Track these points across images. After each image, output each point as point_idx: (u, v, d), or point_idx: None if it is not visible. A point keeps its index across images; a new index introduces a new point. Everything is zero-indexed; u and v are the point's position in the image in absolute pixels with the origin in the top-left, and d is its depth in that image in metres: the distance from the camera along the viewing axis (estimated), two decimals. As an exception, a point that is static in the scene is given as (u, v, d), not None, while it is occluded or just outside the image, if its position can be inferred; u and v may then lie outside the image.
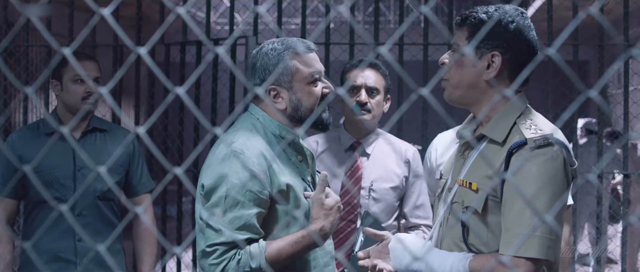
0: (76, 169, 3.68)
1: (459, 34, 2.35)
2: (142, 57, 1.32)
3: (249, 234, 2.45)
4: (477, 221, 2.28)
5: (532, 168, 2.16)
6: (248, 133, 2.57)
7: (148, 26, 5.64)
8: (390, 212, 3.55)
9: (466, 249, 2.30)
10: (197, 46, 5.40)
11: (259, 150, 2.51)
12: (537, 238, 2.14)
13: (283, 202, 2.53)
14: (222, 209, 2.45)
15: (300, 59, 2.59)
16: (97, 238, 3.66)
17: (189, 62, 5.46)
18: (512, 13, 2.30)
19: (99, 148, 3.75)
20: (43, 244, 3.64)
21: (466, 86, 2.33)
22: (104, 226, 3.71)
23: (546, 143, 2.19)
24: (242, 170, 2.45)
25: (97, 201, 3.70)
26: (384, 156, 3.56)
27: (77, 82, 3.68)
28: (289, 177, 2.56)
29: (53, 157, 3.67)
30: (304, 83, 2.59)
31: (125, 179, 3.84)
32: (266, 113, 2.62)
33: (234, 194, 2.44)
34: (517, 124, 2.27)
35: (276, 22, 5.26)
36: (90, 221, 3.68)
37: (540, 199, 2.14)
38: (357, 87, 3.48)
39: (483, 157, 2.29)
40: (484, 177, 2.26)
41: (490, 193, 2.24)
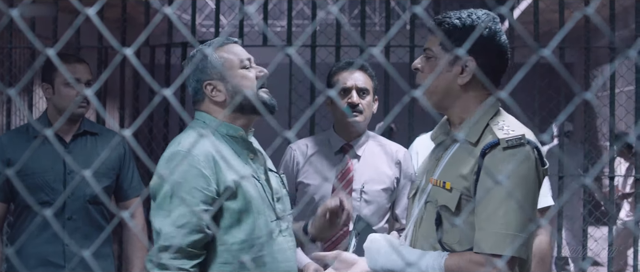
0: (66, 173, 3.64)
1: (432, 40, 2.40)
2: (128, 58, 1.29)
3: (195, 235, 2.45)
4: (450, 219, 2.32)
5: (505, 167, 2.21)
6: (195, 136, 2.57)
7: (133, 28, 5.60)
8: (382, 214, 3.54)
9: (440, 248, 2.33)
10: (183, 48, 5.37)
11: (206, 149, 2.52)
12: (510, 236, 2.19)
13: (233, 199, 2.53)
14: (167, 208, 2.46)
15: (224, 50, 2.65)
16: (87, 242, 3.63)
17: (174, 64, 5.43)
18: (484, 19, 2.36)
19: (89, 151, 3.72)
20: (31, 248, 3.60)
21: (441, 91, 2.38)
22: (94, 230, 3.68)
23: (518, 143, 2.24)
24: (186, 168, 2.47)
25: (87, 204, 3.66)
26: (375, 157, 3.54)
27: (68, 85, 3.64)
28: (237, 174, 2.55)
29: (43, 161, 3.63)
30: (235, 70, 2.62)
31: (116, 182, 3.80)
32: (210, 115, 2.64)
33: (179, 193, 2.45)
34: (490, 125, 2.32)
35: (263, 24, 5.23)
36: (79, 225, 3.64)
37: (513, 198, 2.20)
38: (348, 89, 3.47)
39: (457, 157, 2.35)
40: (457, 176, 2.31)
41: (464, 192, 2.29)
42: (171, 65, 5.39)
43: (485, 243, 2.21)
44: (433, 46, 2.38)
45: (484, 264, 2.20)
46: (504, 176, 2.20)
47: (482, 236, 2.22)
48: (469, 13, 2.37)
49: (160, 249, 2.46)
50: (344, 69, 3.52)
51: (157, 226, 2.49)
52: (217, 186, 2.50)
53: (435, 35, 2.38)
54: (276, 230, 2.65)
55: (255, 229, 2.57)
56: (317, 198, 3.46)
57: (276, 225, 2.65)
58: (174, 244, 2.44)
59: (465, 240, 2.29)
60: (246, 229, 2.56)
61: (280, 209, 2.70)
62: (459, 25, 2.35)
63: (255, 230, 2.57)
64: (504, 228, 2.19)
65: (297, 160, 3.55)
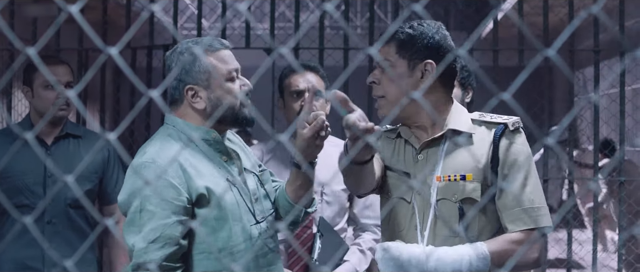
0: (46, 176, 3.57)
1: (386, 50, 2.45)
2: (112, 58, 1.25)
3: (168, 248, 2.37)
4: (475, 211, 2.40)
5: (520, 148, 2.41)
6: (161, 143, 2.49)
7: (113, 30, 5.53)
8: (342, 214, 3.49)
9: (461, 241, 2.38)
10: (164, 50, 5.30)
11: (171, 156, 2.43)
12: (536, 209, 2.38)
13: (205, 206, 2.45)
14: (138, 224, 2.38)
15: (216, 57, 2.53)
16: (68, 247, 3.55)
17: (155, 66, 5.37)
18: (433, 25, 2.46)
19: (71, 154, 3.64)
20: (10, 252, 3.53)
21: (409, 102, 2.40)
22: (75, 235, 3.60)
23: (520, 125, 2.44)
24: (154, 180, 2.38)
25: (68, 208, 3.59)
26: (331, 158, 3.47)
27: (48, 88, 3.58)
28: (209, 179, 2.47)
29: (23, 163, 3.56)
30: (221, 80, 2.52)
31: (100, 186, 3.72)
32: (182, 119, 2.55)
33: (148, 206, 2.37)
34: (474, 119, 2.48)
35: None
36: (60, 229, 3.57)
37: (532, 175, 2.40)
38: (301, 92, 3.40)
39: (458, 150, 2.43)
40: (474, 167, 2.41)
41: (482, 182, 2.41)
42: (153, 67, 5.33)
43: (520, 221, 2.37)
44: (389, 56, 2.44)
45: (523, 240, 2.36)
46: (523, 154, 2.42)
47: (513, 215, 2.38)
48: (418, 23, 2.45)
49: (134, 267, 2.38)
50: (296, 71, 3.44)
51: (129, 242, 2.41)
52: (189, 195, 2.42)
53: (389, 46, 2.44)
54: (256, 234, 2.56)
55: (232, 236, 2.48)
56: None
57: (256, 229, 2.57)
58: (148, 260, 2.36)
59: (486, 228, 2.43)
60: (223, 236, 2.47)
61: (260, 210, 2.61)
62: (411, 33, 2.42)
63: (233, 237, 2.49)
64: (531, 203, 2.38)
65: None
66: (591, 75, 5.20)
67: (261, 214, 2.62)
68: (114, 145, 1.31)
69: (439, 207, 2.42)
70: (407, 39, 2.43)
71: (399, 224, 2.52)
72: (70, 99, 3.56)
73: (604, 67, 5.52)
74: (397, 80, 2.41)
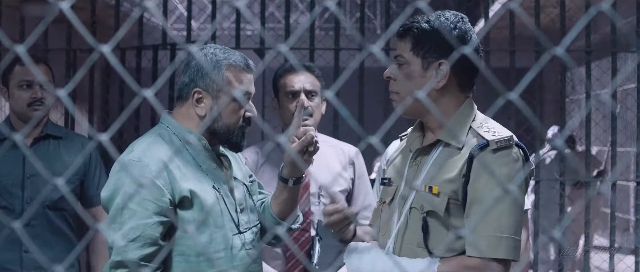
0: (25, 177, 3.51)
1: (402, 46, 2.36)
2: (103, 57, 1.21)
3: (147, 248, 2.35)
4: (438, 225, 2.28)
5: (496, 170, 2.21)
6: (148, 143, 2.48)
7: (102, 31, 5.50)
8: None
9: (427, 254, 2.28)
10: (154, 51, 5.27)
11: (158, 157, 2.41)
12: (504, 239, 2.19)
13: (188, 209, 2.43)
14: (119, 221, 2.36)
15: (236, 74, 2.52)
16: (48, 250, 3.49)
17: (144, 67, 5.33)
18: (453, 20, 2.33)
19: (52, 155, 3.58)
20: None
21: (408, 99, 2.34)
22: (54, 237, 3.54)
23: (507, 145, 2.24)
24: (137, 178, 2.37)
25: (46, 210, 3.52)
26: (328, 159, 3.45)
27: (22, 87, 3.53)
28: (194, 183, 2.44)
29: (1, 165, 3.50)
30: (229, 99, 2.50)
31: (81, 188, 3.67)
32: (177, 122, 2.53)
33: (130, 204, 2.36)
34: (473, 128, 2.31)
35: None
36: (39, 231, 3.50)
37: (505, 200, 2.20)
38: (296, 92, 3.36)
39: (441, 161, 2.31)
40: (444, 180, 2.28)
41: (452, 196, 2.26)
42: (142, 68, 5.28)
43: (479, 246, 2.20)
44: (404, 52, 2.34)
45: (478, 267, 2.20)
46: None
47: (475, 239, 2.20)
48: (436, 15, 2.34)
49: (112, 265, 2.37)
50: (290, 72, 3.41)
51: (109, 239, 2.39)
52: (172, 196, 2.40)
53: (405, 41, 2.34)
54: (238, 244, 2.53)
55: (212, 243, 2.47)
56: None
57: (239, 239, 2.54)
58: (127, 258, 2.35)
59: (453, 245, 2.27)
60: (203, 241, 2.45)
61: (244, 221, 2.59)
62: (427, 29, 2.31)
63: (213, 243, 2.47)
64: (497, 231, 2.19)
65: (248, 167, 3.45)
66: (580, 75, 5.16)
67: (246, 224, 2.59)
68: (106, 146, 1.27)
69: (410, 216, 2.35)
70: (422, 36, 2.31)
71: (379, 227, 2.51)
72: (57, 99, 3.54)
73: (594, 68, 5.50)
74: (410, 79, 2.32)
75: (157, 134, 2.52)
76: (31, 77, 3.53)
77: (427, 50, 2.30)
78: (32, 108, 3.53)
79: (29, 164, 3.51)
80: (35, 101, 3.53)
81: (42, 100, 3.53)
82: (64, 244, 3.58)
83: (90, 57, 1.27)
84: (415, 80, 2.32)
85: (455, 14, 2.36)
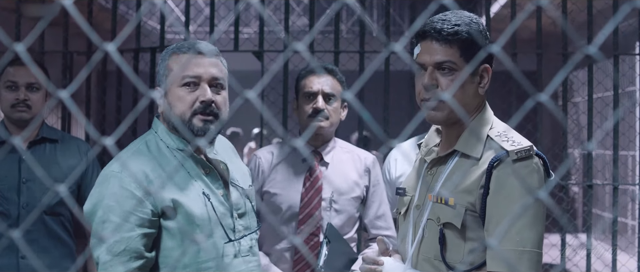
0: (21, 181, 3.45)
1: (447, 51, 2.22)
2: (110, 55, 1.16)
3: (133, 262, 2.29)
4: (455, 237, 2.22)
5: (516, 182, 2.13)
6: (131, 153, 2.42)
7: (99, 33, 5.41)
8: (352, 224, 3.42)
9: (444, 267, 2.23)
10: (151, 53, 5.21)
11: (139, 168, 2.35)
12: (527, 253, 2.11)
13: (172, 219, 2.35)
14: (102, 235, 2.30)
15: (178, 59, 2.43)
16: (44, 256, 3.43)
17: (142, 69, 5.27)
18: (478, 20, 2.26)
19: (48, 159, 3.52)
20: None
21: (464, 105, 2.24)
22: (51, 243, 3.48)
23: (527, 155, 2.16)
24: (119, 191, 2.30)
25: (43, 215, 3.46)
26: (344, 165, 3.43)
27: (9, 89, 3.49)
28: (178, 192, 2.36)
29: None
30: (174, 86, 2.41)
31: (78, 192, 3.60)
32: (165, 126, 2.46)
33: (112, 217, 2.30)
34: (490, 137, 2.23)
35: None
36: (36, 237, 3.44)
37: (528, 212, 2.12)
38: (314, 94, 3.35)
39: (458, 171, 2.24)
40: (461, 192, 2.21)
41: (469, 208, 2.19)
42: (139, 70, 5.23)
43: (498, 261, 2.12)
44: (453, 58, 2.21)
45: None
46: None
47: (497, 253, 2.13)
48: (469, 18, 2.25)
49: None
50: (312, 74, 3.40)
51: (95, 253, 2.33)
52: (154, 207, 2.33)
53: (451, 46, 2.21)
54: (231, 252, 2.45)
55: (200, 252, 2.39)
56: (283, 208, 3.34)
57: (232, 246, 2.46)
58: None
59: (468, 258, 2.20)
60: (190, 251, 2.38)
61: (242, 226, 2.52)
62: (475, 33, 2.21)
63: (201, 253, 2.39)
64: (519, 245, 2.11)
65: (262, 168, 3.42)
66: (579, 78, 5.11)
67: (244, 230, 2.52)
68: (110, 150, 1.22)
69: (426, 228, 2.29)
70: (471, 41, 2.21)
71: (399, 238, 2.46)
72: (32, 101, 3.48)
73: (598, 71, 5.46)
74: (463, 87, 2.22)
75: (143, 141, 2.46)
76: (17, 79, 3.49)
77: (475, 55, 2.20)
78: (15, 109, 3.48)
79: (25, 168, 3.45)
80: (19, 103, 3.48)
81: (26, 102, 3.48)
82: (61, 249, 3.52)
83: (93, 57, 1.22)
84: (466, 86, 2.22)
85: (472, 14, 2.29)
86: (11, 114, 3.49)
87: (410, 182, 2.44)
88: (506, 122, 2.31)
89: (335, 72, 3.43)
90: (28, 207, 3.44)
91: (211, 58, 2.45)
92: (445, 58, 2.22)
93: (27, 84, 3.50)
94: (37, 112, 3.53)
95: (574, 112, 9.87)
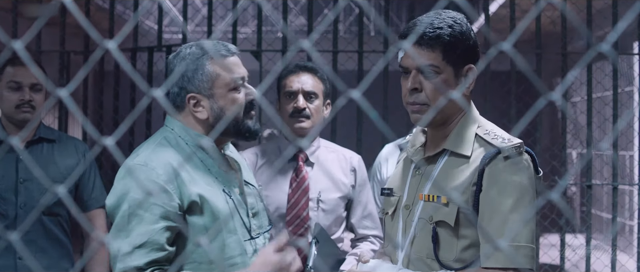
0: (18, 182, 3.42)
1: (430, 55, 2.23)
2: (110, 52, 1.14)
3: (154, 254, 2.25)
4: (448, 235, 2.23)
5: (509, 178, 2.16)
6: (154, 146, 2.38)
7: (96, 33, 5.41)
8: (339, 223, 3.38)
9: (437, 265, 2.24)
10: (149, 52, 5.19)
11: (165, 161, 2.32)
12: (521, 248, 2.14)
13: (198, 214, 2.33)
14: (127, 229, 2.26)
15: (220, 64, 2.41)
16: (42, 256, 3.40)
17: (140, 69, 5.24)
18: (465, 20, 2.28)
19: (45, 159, 3.49)
20: None
21: (449, 106, 2.26)
22: (50, 244, 3.45)
23: (518, 152, 2.20)
24: (145, 183, 2.27)
25: (41, 216, 3.43)
26: (329, 164, 3.39)
27: (12, 89, 3.45)
28: (204, 187, 2.35)
29: None
30: (225, 90, 2.40)
31: (75, 193, 3.58)
32: (183, 124, 2.43)
33: (137, 210, 2.26)
34: (479, 135, 2.27)
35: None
36: (34, 238, 3.41)
37: (520, 209, 2.15)
38: (294, 93, 3.31)
39: (448, 170, 2.26)
40: (453, 190, 2.23)
41: (462, 206, 2.21)
42: (137, 70, 5.20)
43: (497, 257, 2.14)
44: (436, 61, 2.23)
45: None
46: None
47: (489, 249, 2.16)
48: (452, 19, 2.25)
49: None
50: (292, 72, 3.35)
51: (115, 247, 2.28)
52: (181, 201, 2.30)
53: (433, 50, 2.23)
54: (250, 250, 2.44)
55: (225, 248, 2.37)
56: (271, 209, 3.29)
57: (250, 245, 2.45)
58: (132, 265, 2.24)
59: (463, 255, 2.22)
60: (215, 247, 2.36)
61: (257, 225, 2.50)
62: (457, 35, 2.23)
63: (226, 250, 2.37)
64: (514, 240, 2.14)
65: None
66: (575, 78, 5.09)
67: (258, 229, 2.51)
68: (111, 150, 1.20)
69: (418, 227, 2.29)
70: (453, 43, 2.22)
71: (386, 240, 2.46)
72: (36, 102, 3.45)
73: (598, 71, 5.45)
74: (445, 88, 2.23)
75: (162, 137, 2.43)
76: (21, 79, 3.45)
77: (457, 56, 2.23)
78: (20, 110, 3.45)
79: (23, 168, 3.43)
80: (24, 104, 3.45)
81: (30, 103, 3.45)
82: (59, 250, 3.49)
83: (94, 55, 1.19)
84: (449, 88, 2.24)
85: (458, 14, 2.29)
86: (15, 115, 3.45)
87: (397, 183, 2.45)
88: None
89: (316, 70, 3.38)
90: (26, 208, 3.41)
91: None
92: (428, 62, 2.24)
93: (31, 84, 3.47)
94: (38, 113, 3.51)
95: (573, 112, 9.86)
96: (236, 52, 2.46)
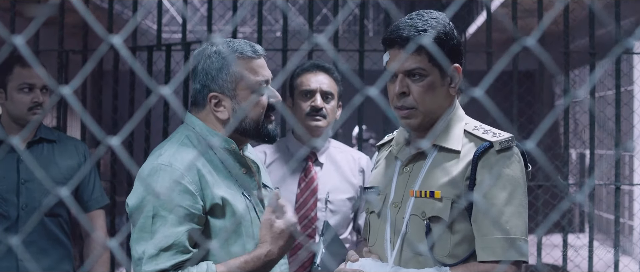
0: (20, 182, 3.40)
1: (416, 58, 2.26)
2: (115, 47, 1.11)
3: (180, 256, 2.22)
4: (441, 230, 2.24)
5: (502, 171, 2.20)
6: (177, 145, 2.34)
7: (94, 33, 5.37)
8: (346, 224, 3.37)
9: (430, 262, 2.24)
10: (148, 51, 5.16)
11: (189, 161, 2.28)
12: (516, 241, 2.17)
13: (220, 217, 2.30)
14: (151, 230, 2.22)
15: (246, 65, 2.37)
16: (43, 257, 3.38)
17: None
18: (447, 20, 2.30)
19: (46, 160, 3.47)
20: None
21: (437, 108, 2.30)
22: (50, 245, 3.43)
23: (510, 146, 2.23)
24: (169, 184, 2.23)
25: (42, 217, 3.40)
26: (338, 165, 3.38)
27: (23, 91, 3.41)
28: (226, 190, 2.32)
29: None
30: (248, 91, 2.36)
31: (75, 193, 3.55)
32: (204, 123, 2.39)
33: (161, 212, 2.22)
34: (467, 131, 2.30)
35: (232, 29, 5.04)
36: (35, 238, 3.39)
37: (514, 201, 2.19)
38: (312, 92, 3.29)
39: (440, 165, 2.28)
40: (445, 184, 2.24)
41: (455, 200, 2.23)
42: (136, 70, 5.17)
43: (493, 250, 2.17)
44: (422, 64, 2.26)
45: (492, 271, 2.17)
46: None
47: (487, 243, 2.18)
48: (435, 20, 2.28)
49: None
50: (309, 71, 3.34)
51: (139, 250, 2.24)
52: (204, 203, 2.27)
53: (419, 53, 2.25)
54: None
55: (245, 253, 2.33)
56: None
57: None
58: (158, 268, 2.21)
59: (457, 249, 2.24)
60: (236, 251, 2.33)
61: None
62: (442, 37, 2.26)
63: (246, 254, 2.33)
64: (506, 232, 2.17)
65: None
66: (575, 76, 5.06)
67: None
68: (116, 150, 1.16)
69: (409, 224, 2.28)
70: (438, 44, 2.25)
71: (371, 238, 2.43)
72: (45, 102, 3.42)
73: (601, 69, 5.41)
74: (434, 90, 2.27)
75: (184, 136, 2.39)
76: (33, 80, 3.42)
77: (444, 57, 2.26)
78: (32, 112, 3.42)
79: (24, 169, 3.40)
80: (36, 105, 3.41)
81: (42, 105, 3.42)
82: (60, 251, 3.47)
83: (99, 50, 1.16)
84: (437, 90, 2.27)
85: (440, 13, 2.32)
86: (27, 117, 3.42)
87: (381, 181, 2.45)
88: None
89: (332, 71, 3.37)
90: (27, 208, 3.38)
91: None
92: (414, 65, 2.26)
93: (42, 85, 3.44)
94: (46, 113, 3.49)
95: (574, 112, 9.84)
96: (263, 54, 2.43)
